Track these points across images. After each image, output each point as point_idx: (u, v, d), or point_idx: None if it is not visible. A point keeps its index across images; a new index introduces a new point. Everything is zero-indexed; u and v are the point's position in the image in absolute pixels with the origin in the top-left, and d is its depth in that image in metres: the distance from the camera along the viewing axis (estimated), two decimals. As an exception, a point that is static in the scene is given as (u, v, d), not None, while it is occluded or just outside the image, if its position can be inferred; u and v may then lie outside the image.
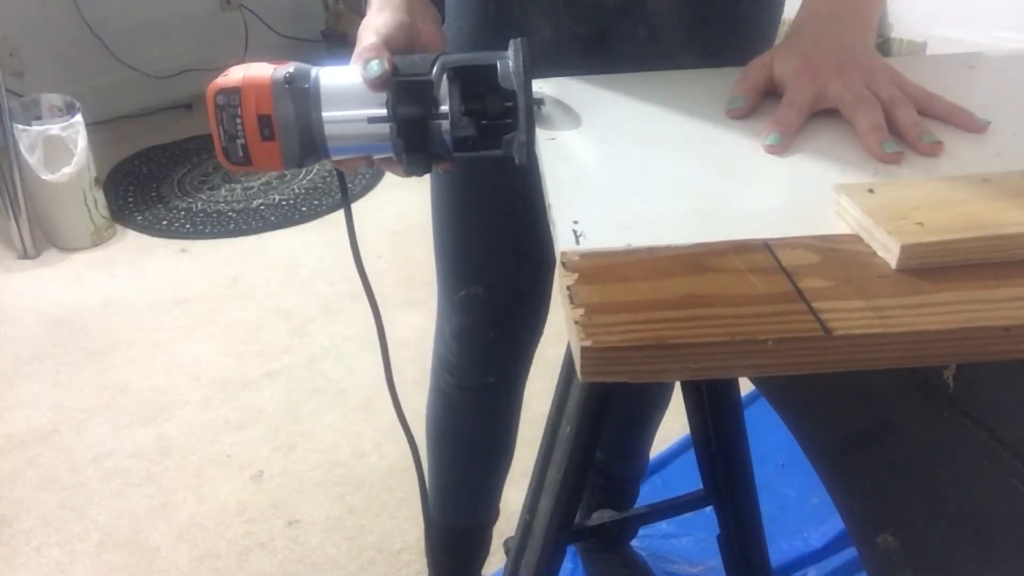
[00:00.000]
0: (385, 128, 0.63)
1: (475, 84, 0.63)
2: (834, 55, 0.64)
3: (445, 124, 0.63)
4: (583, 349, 0.43)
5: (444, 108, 0.62)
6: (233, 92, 0.62)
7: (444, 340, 1.09)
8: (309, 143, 0.64)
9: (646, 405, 1.29)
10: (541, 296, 1.04)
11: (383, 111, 0.63)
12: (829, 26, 0.67)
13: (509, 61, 0.62)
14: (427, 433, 1.20)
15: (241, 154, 0.64)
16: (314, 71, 0.64)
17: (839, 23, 0.67)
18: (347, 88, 0.64)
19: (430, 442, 1.20)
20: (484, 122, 0.63)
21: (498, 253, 0.99)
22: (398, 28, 0.67)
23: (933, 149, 0.58)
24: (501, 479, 1.26)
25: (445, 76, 0.62)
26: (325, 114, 0.63)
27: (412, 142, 0.63)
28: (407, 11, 0.69)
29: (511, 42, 0.63)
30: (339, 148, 0.65)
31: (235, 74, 0.63)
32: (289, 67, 0.63)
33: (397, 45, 0.66)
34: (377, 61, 0.62)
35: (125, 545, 1.52)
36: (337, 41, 3.41)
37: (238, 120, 0.63)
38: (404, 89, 0.62)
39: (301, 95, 0.63)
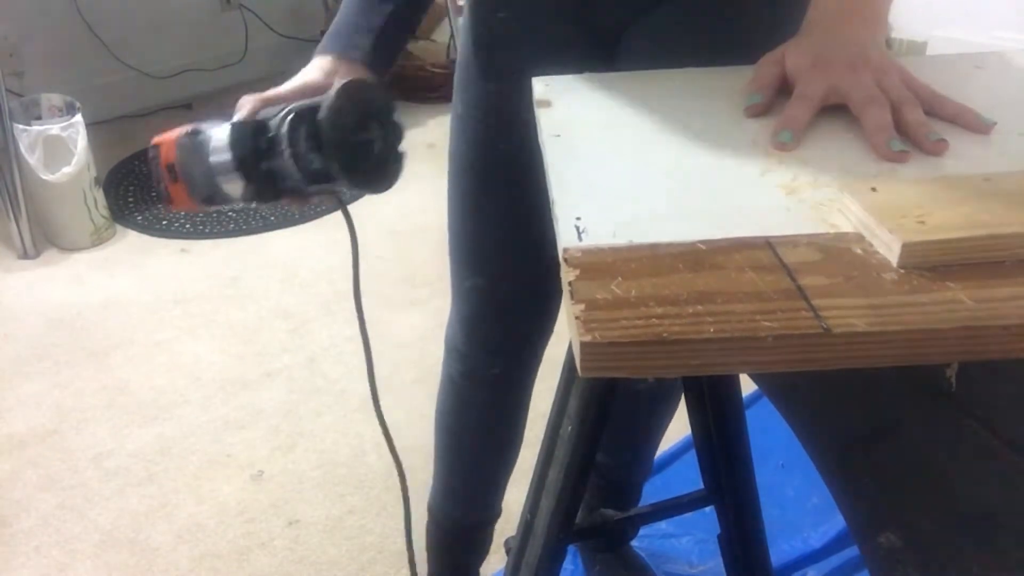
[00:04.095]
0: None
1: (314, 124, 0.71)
2: (845, 51, 0.64)
3: (289, 161, 0.71)
4: (583, 344, 0.43)
5: (284, 147, 0.71)
6: (154, 147, 0.78)
7: (452, 327, 1.11)
8: (207, 180, 0.76)
9: (652, 409, 1.29)
10: (548, 294, 1.04)
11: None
12: (840, 23, 0.67)
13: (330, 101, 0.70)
14: (435, 424, 1.21)
15: (164, 193, 0.79)
16: (222, 126, 0.75)
17: (849, 20, 0.67)
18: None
19: (437, 433, 1.22)
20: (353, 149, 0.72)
21: (503, 248, 1.00)
22: (293, 89, 0.78)
23: (937, 147, 0.58)
24: (503, 477, 1.26)
25: (288, 120, 0.71)
26: (212, 160, 0.75)
27: (250, 173, 0.74)
28: (322, 71, 0.80)
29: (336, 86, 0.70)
30: (220, 185, 0.76)
31: (161, 135, 0.79)
32: (201, 125, 0.76)
33: (287, 99, 0.76)
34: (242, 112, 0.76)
35: (125, 545, 1.52)
36: (337, 41, 3.41)
37: (158, 168, 0.78)
38: (238, 127, 0.74)
39: (199, 144, 0.76)
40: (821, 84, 0.63)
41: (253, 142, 0.73)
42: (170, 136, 0.78)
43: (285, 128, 0.71)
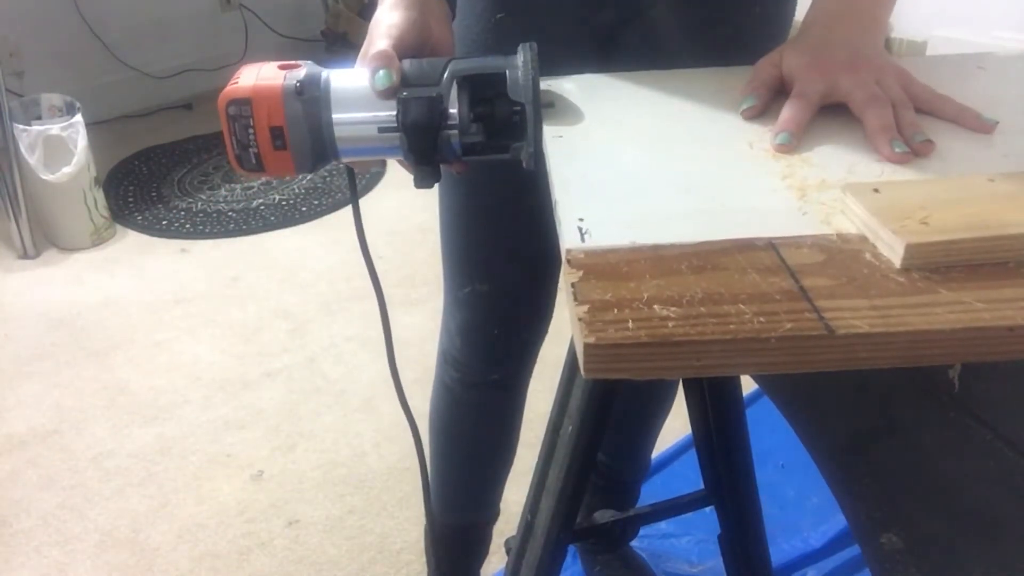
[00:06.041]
0: (396, 136, 0.63)
1: (484, 90, 0.63)
2: (844, 52, 0.64)
3: (455, 131, 0.63)
4: (586, 346, 0.43)
5: (453, 112, 0.62)
6: (244, 103, 0.61)
7: (449, 335, 1.09)
8: (320, 148, 0.64)
9: (649, 407, 1.29)
10: (545, 297, 1.04)
11: (393, 120, 0.62)
12: (839, 25, 0.67)
13: (519, 70, 0.62)
14: (430, 428, 1.20)
15: (254, 162, 0.64)
16: (324, 75, 0.64)
17: (849, 22, 0.67)
18: (358, 91, 0.63)
19: (432, 437, 1.21)
20: (491, 119, 0.63)
21: (502, 253, 0.99)
22: (410, 28, 0.67)
23: (923, 149, 0.58)
24: (501, 479, 1.26)
25: (455, 83, 0.62)
26: (336, 116, 0.63)
27: (422, 154, 0.63)
28: (420, 8, 0.69)
29: (520, 47, 0.62)
30: (350, 151, 0.65)
31: (246, 81, 0.62)
32: (299, 73, 0.63)
33: (408, 46, 0.66)
34: (384, 72, 0.62)
35: (125, 545, 1.52)
36: (337, 41, 3.41)
37: (250, 130, 0.62)
38: (414, 104, 0.61)
39: (312, 103, 0.62)
40: (819, 84, 0.63)
41: (430, 118, 0.61)
42: (268, 88, 0.62)
43: (465, 98, 0.62)
